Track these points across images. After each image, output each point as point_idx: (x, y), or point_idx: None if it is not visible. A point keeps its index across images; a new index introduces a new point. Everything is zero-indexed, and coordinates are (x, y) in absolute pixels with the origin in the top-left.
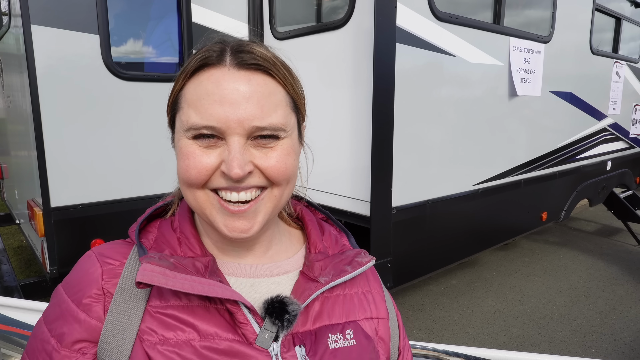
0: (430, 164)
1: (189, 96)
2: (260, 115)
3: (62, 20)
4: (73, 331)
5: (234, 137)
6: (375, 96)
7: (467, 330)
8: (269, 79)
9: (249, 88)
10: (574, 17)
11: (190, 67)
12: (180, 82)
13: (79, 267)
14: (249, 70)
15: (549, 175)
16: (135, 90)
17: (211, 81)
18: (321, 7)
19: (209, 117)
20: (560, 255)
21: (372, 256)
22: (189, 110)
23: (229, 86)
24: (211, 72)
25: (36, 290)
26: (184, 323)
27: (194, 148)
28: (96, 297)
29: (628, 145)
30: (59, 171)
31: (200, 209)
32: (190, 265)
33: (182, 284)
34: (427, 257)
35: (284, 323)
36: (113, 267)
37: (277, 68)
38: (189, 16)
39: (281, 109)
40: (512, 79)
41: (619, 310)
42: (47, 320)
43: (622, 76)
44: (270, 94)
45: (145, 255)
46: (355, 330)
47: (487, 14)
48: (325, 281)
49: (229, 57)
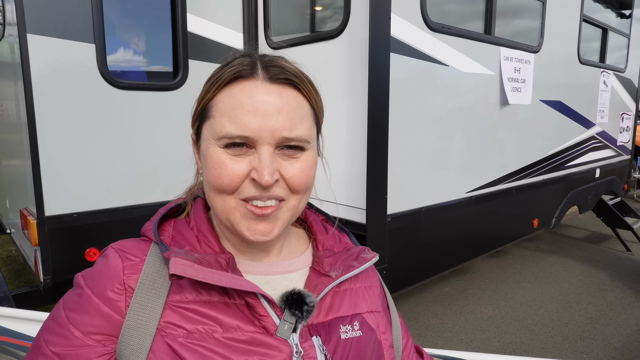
0: (424, 171)
1: (222, 106)
2: (289, 126)
3: (58, 29)
4: (94, 322)
5: (265, 147)
6: (370, 105)
7: (460, 337)
8: (296, 93)
9: (280, 101)
10: (562, 28)
11: (223, 78)
12: (212, 91)
13: (101, 261)
14: (280, 84)
15: (539, 183)
16: (130, 99)
17: (245, 92)
18: (315, 17)
19: (244, 126)
20: (551, 262)
21: (375, 253)
22: (222, 119)
23: (262, 98)
24: (244, 84)
25: (28, 300)
26: (206, 317)
27: (225, 157)
28: (118, 291)
29: (616, 153)
30: (54, 180)
31: (226, 214)
32: (213, 261)
33: (212, 277)
34: (422, 264)
35: (304, 314)
36: (134, 262)
37: (304, 83)
38: (185, 26)
39: (307, 121)
40: (503, 88)
41: (609, 316)
42: (67, 307)
43: (609, 85)
44: (298, 107)
45: (172, 250)
46: (360, 322)
47: (479, 24)
48: (337, 275)
49: (261, 70)
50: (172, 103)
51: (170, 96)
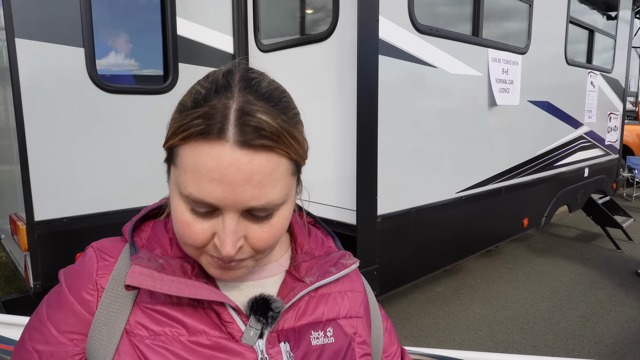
0: (413, 172)
1: (186, 161)
2: (258, 196)
3: (46, 33)
4: (68, 320)
5: (229, 214)
6: (360, 106)
7: (452, 337)
8: (272, 156)
9: (250, 169)
10: (549, 30)
11: (187, 131)
12: (176, 138)
13: (81, 259)
14: (252, 149)
15: (529, 183)
16: (120, 103)
17: (210, 156)
18: (305, 20)
19: (207, 193)
20: (542, 261)
21: (356, 258)
22: (187, 176)
23: (229, 166)
24: (211, 145)
25: (19, 306)
26: (173, 320)
27: (188, 217)
28: (91, 292)
29: (604, 152)
30: (43, 184)
31: (193, 257)
32: (178, 266)
33: (170, 286)
34: (413, 265)
35: (268, 320)
36: (108, 263)
37: (282, 140)
38: (174, 29)
39: (281, 182)
40: (491, 89)
41: (600, 314)
42: (48, 304)
43: (596, 86)
44: (272, 171)
45: (136, 255)
46: (335, 328)
47: (466, 26)
48: (311, 281)
49: (232, 130)
50: (162, 107)
51: (160, 100)
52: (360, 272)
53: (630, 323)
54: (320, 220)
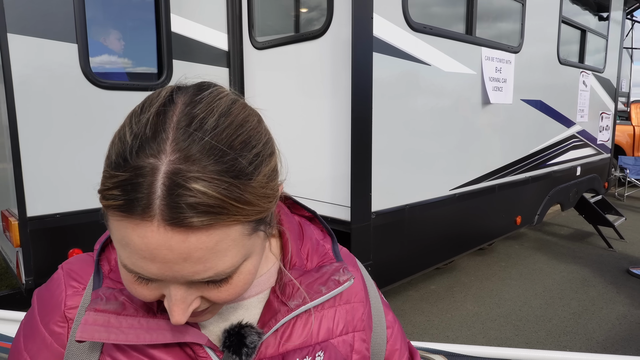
0: (407, 169)
1: (114, 231)
2: (202, 270)
3: (39, 29)
4: (41, 353)
5: (173, 286)
6: (354, 104)
7: (446, 333)
8: (213, 230)
9: (187, 247)
10: (542, 29)
11: (107, 202)
12: (100, 199)
13: (50, 285)
14: (185, 228)
15: (522, 181)
16: (113, 99)
17: (137, 235)
18: (299, 18)
19: (142, 269)
20: (535, 260)
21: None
22: (118, 246)
23: (159, 247)
24: (136, 223)
25: (10, 302)
26: (145, 355)
27: (132, 280)
28: (61, 324)
29: (596, 151)
30: (36, 180)
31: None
32: (140, 303)
33: (127, 335)
34: (407, 261)
35: (242, 357)
36: (76, 290)
37: (227, 209)
38: (168, 26)
39: (233, 250)
40: (484, 87)
41: (591, 311)
42: (24, 332)
43: (588, 85)
44: (215, 244)
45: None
46: (326, 350)
47: (460, 25)
48: (296, 305)
49: (159, 207)
50: None
51: None
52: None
53: (621, 320)
54: (318, 215)
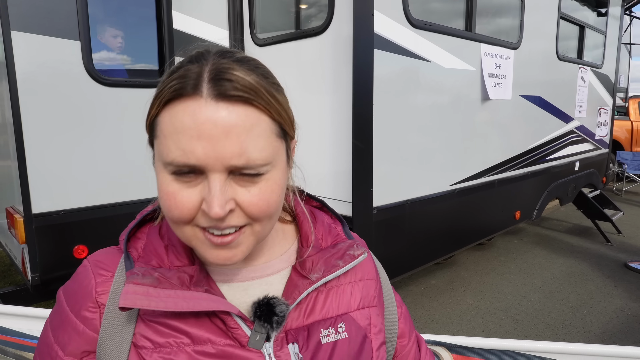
0: (408, 165)
1: (165, 127)
2: (238, 152)
3: (42, 26)
4: (73, 341)
5: (214, 175)
6: (355, 100)
7: (447, 327)
8: (250, 109)
9: (228, 122)
10: (541, 25)
11: (164, 95)
12: (155, 108)
13: (76, 277)
14: (229, 101)
15: (521, 176)
16: (116, 96)
17: (187, 114)
18: (300, 14)
19: (189, 154)
20: (534, 254)
21: (364, 248)
22: (167, 141)
23: (206, 120)
24: (187, 104)
25: (16, 298)
26: (177, 330)
27: (174, 187)
28: (92, 310)
29: (594, 146)
30: (40, 177)
31: (186, 241)
32: (174, 278)
33: (166, 302)
34: (407, 256)
35: (273, 325)
36: (105, 278)
37: (260, 96)
38: (170, 23)
39: (263, 140)
40: (484, 83)
41: (590, 304)
42: (52, 325)
43: (587, 81)
44: (251, 127)
45: (130, 271)
46: (347, 322)
47: (460, 21)
48: (317, 278)
49: (206, 85)
50: None
51: None
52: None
53: (618, 313)
54: (326, 203)
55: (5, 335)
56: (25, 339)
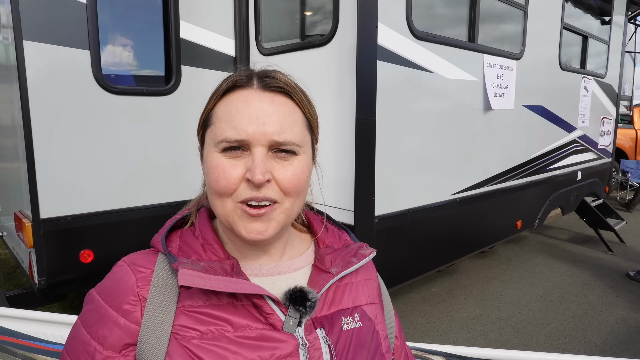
0: (410, 174)
1: (221, 113)
2: (279, 130)
3: (53, 35)
4: (113, 334)
5: (258, 148)
6: (358, 110)
7: (447, 335)
8: (289, 101)
9: (272, 107)
10: (544, 35)
11: (222, 88)
12: (213, 101)
13: (114, 276)
14: (273, 92)
15: (523, 185)
16: (123, 104)
17: (241, 100)
18: (305, 25)
19: (241, 130)
20: (535, 263)
21: (373, 248)
22: (222, 124)
23: (255, 105)
24: (241, 93)
25: (22, 301)
26: (217, 318)
27: (223, 161)
28: (134, 303)
29: (597, 156)
30: (49, 183)
31: (225, 216)
32: (218, 268)
33: (218, 284)
34: (409, 264)
35: (307, 309)
36: (145, 274)
37: (297, 92)
38: (177, 32)
39: (297, 127)
40: (486, 93)
41: (591, 314)
42: (86, 324)
43: (590, 90)
44: (289, 114)
45: (179, 261)
46: (360, 313)
47: (462, 32)
48: (337, 272)
49: (256, 80)
50: (166, 108)
51: (163, 101)
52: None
53: (620, 324)
54: (330, 216)
55: (14, 337)
56: (33, 342)
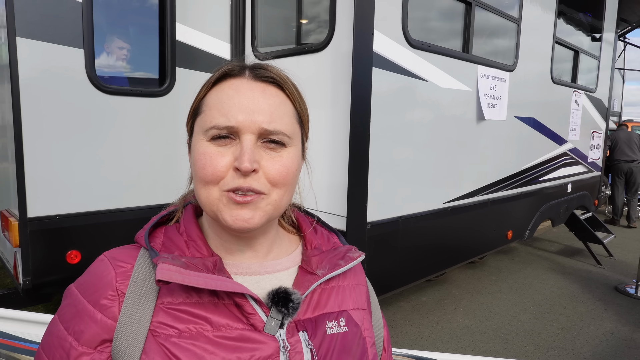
0: (403, 181)
1: (211, 101)
2: (269, 120)
3: (47, 33)
4: (89, 329)
5: (247, 136)
6: (353, 117)
7: (436, 345)
8: (279, 92)
9: (263, 97)
10: (536, 49)
11: (214, 77)
12: (204, 90)
13: (93, 271)
14: (264, 82)
15: (514, 196)
16: (116, 104)
17: (232, 88)
18: (301, 31)
19: (231, 117)
20: (525, 274)
21: (361, 252)
22: (212, 111)
23: (246, 93)
24: (232, 81)
25: (6, 302)
26: (196, 317)
27: (211, 149)
28: (112, 297)
29: (587, 169)
30: (37, 182)
31: (210, 205)
32: (200, 264)
33: (197, 280)
34: (400, 271)
35: (289, 310)
36: (125, 269)
37: (288, 84)
38: (173, 34)
39: (287, 118)
40: (479, 103)
41: (579, 327)
42: (63, 319)
43: (580, 104)
44: (280, 104)
45: (160, 256)
46: (346, 318)
47: (457, 42)
48: (322, 274)
49: (248, 71)
50: (159, 109)
51: (157, 102)
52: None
53: (608, 336)
54: (321, 219)
55: None
56: (17, 342)
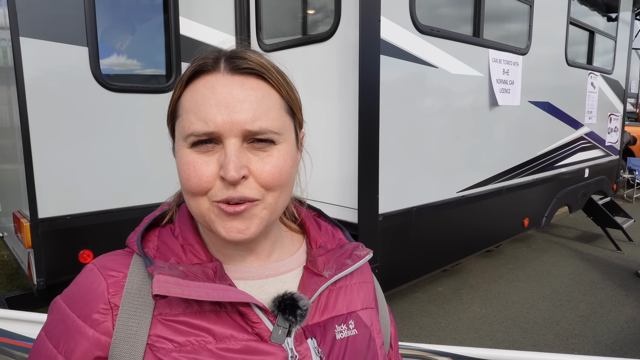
0: (415, 171)
1: (187, 103)
2: (252, 118)
3: (51, 32)
4: (81, 347)
5: (230, 140)
6: (361, 106)
7: (453, 336)
8: (262, 83)
9: (242, 92)
10: (550, 31)
11: (186, 75)
12: (178, 90)
13: (82, 282)
14: (243, 75)
15: (529, 183)
16: (122, 102)
17: (207, 87)
18: (307, 20)
19: (209, 122)
20: (542, 262)
21: (369, 249)
22: (188, 116)
23: (223, 91)
24: (206, 79)
25: (22, 303)
26: (197, 328)
27: (194, 157)
28: (104, 311)
29: (604, 153)
30: (47, 182)
31: (201, 216)
32: (199, 272)
33: (197, 292)
34: (414, 263)
35: (297, 318)
36: (117, 279)
37: (271, 73)
38: (177, 29)
39: (274, 112)
40: (492, 89)
41: (600, 314)
42: (51, 336)
43: (596, 87)
44: (263, 97)
45: (155, 265)
46: (355, 320)
47: (467, 27)
48: (330, 275)
49: (223, 63)
50: (165, 105)
51: (163, 99)
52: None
53: (630, 323)
54: (323, 212)
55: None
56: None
